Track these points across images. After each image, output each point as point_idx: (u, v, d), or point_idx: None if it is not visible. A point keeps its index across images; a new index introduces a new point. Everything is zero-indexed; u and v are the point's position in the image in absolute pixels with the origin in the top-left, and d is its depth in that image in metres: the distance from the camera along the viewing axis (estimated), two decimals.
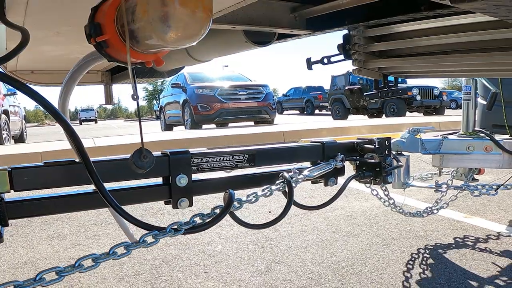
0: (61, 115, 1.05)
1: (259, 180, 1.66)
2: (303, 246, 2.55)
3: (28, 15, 1.30)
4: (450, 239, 2.58)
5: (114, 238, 2.82)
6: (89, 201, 1.34)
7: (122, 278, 2.18)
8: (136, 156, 1.05)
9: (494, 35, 1.56)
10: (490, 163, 2.33)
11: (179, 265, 2.33)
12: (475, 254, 2.33)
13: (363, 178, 1.99)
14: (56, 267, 1.09)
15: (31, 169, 1.26)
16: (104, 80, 2.68)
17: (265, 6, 1.69)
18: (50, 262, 2.43)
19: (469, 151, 2.31)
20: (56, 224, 3.19)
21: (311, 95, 29.94)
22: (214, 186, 1.59)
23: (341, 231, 2.81)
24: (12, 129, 11.63)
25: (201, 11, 0.89)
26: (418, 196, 3.65)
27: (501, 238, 2.57)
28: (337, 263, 2.27)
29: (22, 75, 2.43)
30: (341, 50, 2.05)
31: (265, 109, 12.66)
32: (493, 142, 2.27)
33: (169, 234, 1.24)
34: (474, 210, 3.15)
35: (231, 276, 2.17)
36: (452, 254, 2.34)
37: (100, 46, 1.00)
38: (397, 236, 2.67)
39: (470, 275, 2.06)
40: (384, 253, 2.39)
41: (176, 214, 3.23)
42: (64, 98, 1.48)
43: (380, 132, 8.49)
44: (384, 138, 1.99)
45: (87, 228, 3.09)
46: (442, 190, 2.24)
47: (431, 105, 15.66)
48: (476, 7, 0.81)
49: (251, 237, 2.72)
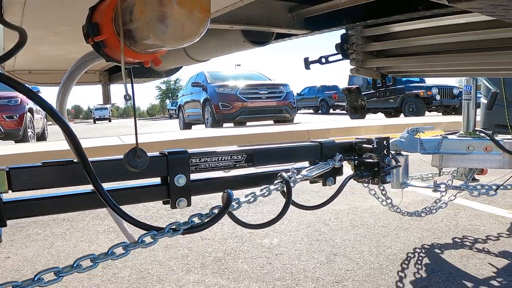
0: (58, 115, 1.05)
1: (257, 180, 1.66)
2: (356, 239, 2.62)
3: (26, 15, 1.30)
4: (495, 233, 2.64)
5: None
6: (87, 201, 1.33)
7: (190, 270, 2.23)
8: (131, 155, 1.05)
9: (492, 34, 1.56)
10: (490, 163, 2.31)
11: (241, 257, 2.40)
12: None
13: (361, 178, 1.99)
14: (54, 267, 1.09)
15: (29, 169, 1.25)
16: (102, 80, 2.68)
17: (263, 6, 1.69)
18: None
19: (468, 151, 2.30)
20: (108, 219, 3.22)
21: (326, 94, 29.96)
22: (212, 186, 1.59)
23: (390, 225, 2.88)
24: (35, 127, 12.02)
25: (198, 11, 0.89)
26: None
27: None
28: (394, 255, 2.35)
29: (20, 75, 2.43)
30: (339, 49, 2.05)
31: (285, 108, 12.72)
32: (493, 142, 2.26)
33: (168, 234, 1.24)
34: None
35: (296, 267, 2.24)
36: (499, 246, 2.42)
37: (98, 46, 1.00)
38: (446, 230, 2.74)
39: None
40: (438, 246, 2.47)
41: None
42: (62, 98, 1.48)
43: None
44: (383, 137, 1.99)
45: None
46: (440, 190, 2.22)
47: (450, 105, 15.51)
48: (473, 6, 0.81)
49: (304, 231, 2.81)
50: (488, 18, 1.37)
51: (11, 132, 10.80)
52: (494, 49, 1.65)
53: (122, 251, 1.20)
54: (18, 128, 10.84)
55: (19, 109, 10.94)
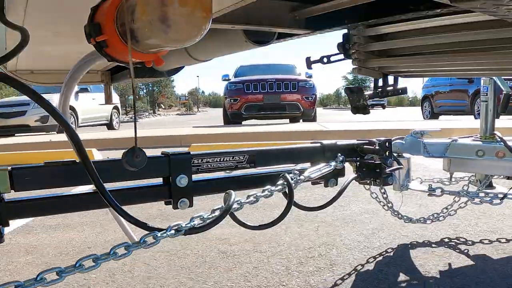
0: (60, 115, 1.05)
1: (259, 181, 1.65)
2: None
3: (28, 14, 1.30)
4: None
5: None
6: (89, 201, 1.33)
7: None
8: (129, 155, 1.05)
9: (495, 34, 1.56)
10: (503, 170, 2.16)
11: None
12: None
13: (363, 179, 1.99)
14: (57, 267, 1.08)
15: (31, 169, 1.25)
16: (104, 80, 2.68)
17: (265, 6, 1.69)
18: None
19: (478, 156, 2.15)
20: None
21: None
22: (214, 187, 1.59)
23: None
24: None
25: (200, 11, 0.89)
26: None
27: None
28: None
29: (22, 75, 2.43)
30: (341, 49, 2.05)
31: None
32: (506, 148, 2.07)
33: (170, 235, 1.24)
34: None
35: None
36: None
37: (100, 46, 1.00)
38: None
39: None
40: None
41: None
42: (64, 98, 1.48)
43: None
44: (385, 139, 1.99)
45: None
46: (436, 195, 2.16)
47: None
48: (475, 6, 0.81)
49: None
50: (491, 17, 1.37)
51: (306, 111, 12.66)
52: (497, 49, 1.64)
53: (124, 251, 1.20)
54: (311, 108, 12.78)
55: (312, 91, 12.81)
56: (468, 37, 1.65)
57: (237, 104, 12.59)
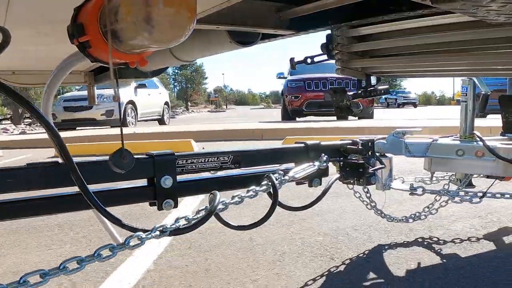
0: (43, 116, 1.04)
1: (244, 181, 1.65)
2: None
3: (10, 14, 1.28)
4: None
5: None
6: (73, 202, 1.32)
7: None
8: (116, 156, 1.04)
9: (476, 35, 1.58)
10: (482, 169, 2.18)
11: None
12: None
13: (347, 179, 2.00)
14: (40, 270, 1.07)
15: (13, 171, 1.24)
16: (87, 81, 2.66)
17: (249, 7, 1.70)
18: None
19: (458, 156, 2.16)
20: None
21: None
22: (199, 188, 1.59)
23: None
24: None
25: (185, 11, 0.89)
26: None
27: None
28: None
29: (3, 76, 2.40)
30: (324, 50, 2.06)
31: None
32: (485, 147, 2.07)
33: (155, 236, 1.23)
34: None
35: None
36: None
37: (83, 46, 0.99)
38: None
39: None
40: None
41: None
42: (47, 99, 1.47)
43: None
44: (368, 139, 2.01)
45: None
46: (417, 194, 2.18)
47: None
48: (455, 7, 0.83)
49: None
50: (471, 18, 1.39)
51: (365, 109, 12.65)
52: (478, 50, 1.67)
53: (109, 252, 1.19)
54: (370, 106, 12.99)
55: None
56: (450, 37, 1.67)
57: (298, 101, 12.80)
